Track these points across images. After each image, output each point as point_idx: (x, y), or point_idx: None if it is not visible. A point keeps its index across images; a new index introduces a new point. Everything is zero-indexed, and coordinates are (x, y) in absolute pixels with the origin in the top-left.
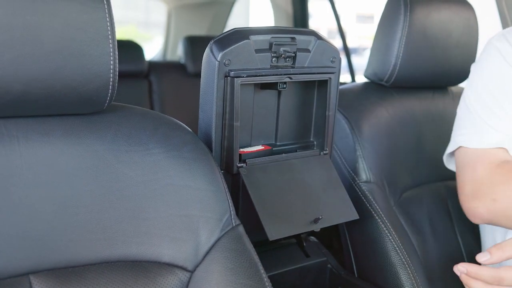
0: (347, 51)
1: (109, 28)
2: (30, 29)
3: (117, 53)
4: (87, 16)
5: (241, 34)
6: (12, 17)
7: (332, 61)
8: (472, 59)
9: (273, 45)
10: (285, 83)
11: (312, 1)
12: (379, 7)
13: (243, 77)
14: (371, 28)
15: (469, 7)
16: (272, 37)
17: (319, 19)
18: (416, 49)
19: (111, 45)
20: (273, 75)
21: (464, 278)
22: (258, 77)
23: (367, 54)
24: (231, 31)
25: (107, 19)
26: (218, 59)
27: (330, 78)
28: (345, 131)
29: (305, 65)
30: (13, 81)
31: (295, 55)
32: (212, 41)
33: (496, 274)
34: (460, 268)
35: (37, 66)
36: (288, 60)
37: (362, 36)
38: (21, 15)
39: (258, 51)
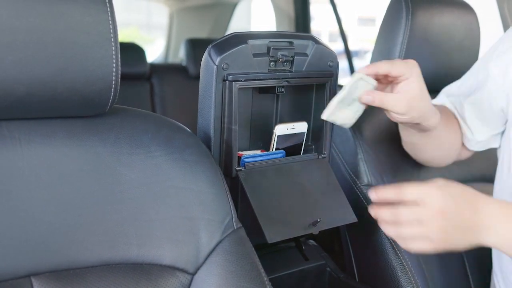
0: (349, 54)
1: (111, 30)
2: (33, 32)
3: (119, 55)
4: (89, 18)
5: (239, 38)
6: (15, 19)
7: (330, 65)
8: (474, 63)
9: (271, 49)
10: (283, 87)
11: (313, 3)
12: (380, 10)
13: (241, 81)
14: (373, 31)
15: (471, 10)
16: (270, 41)
17: (321, 22)
18: (418, 52)
19: (113, 48)
20: (271, 79)
21: (381, 224)
22: (256, 81)
23: (368, 57)
24: (230, 35)
25: (110, 21)
26: (216, 63)
27: (328, 82)
28: (347, 134)
29: (303, 69)
30: (15, 83)
31: (293, 59)
32: (211, 46)
33: (394, 210)
34: (370, 210)
35: (40, 69)
36: (286, 64)
37: (363, 39)
38: (24, 18)
39: (256, 55)
